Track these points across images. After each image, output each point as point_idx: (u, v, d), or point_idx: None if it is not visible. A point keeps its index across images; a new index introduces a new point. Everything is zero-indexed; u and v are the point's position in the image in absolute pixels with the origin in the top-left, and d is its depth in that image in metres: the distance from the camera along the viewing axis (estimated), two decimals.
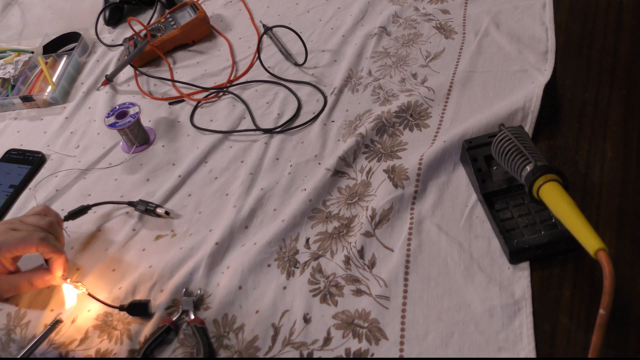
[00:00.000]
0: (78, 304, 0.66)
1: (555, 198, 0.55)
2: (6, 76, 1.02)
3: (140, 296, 0.66)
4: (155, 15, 1.13)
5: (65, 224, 0.75)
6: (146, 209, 0.74)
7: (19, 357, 0.61)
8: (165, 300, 0.64)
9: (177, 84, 0.95)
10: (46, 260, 0.67)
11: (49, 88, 0.98)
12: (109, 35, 1.12)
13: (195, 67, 0.99)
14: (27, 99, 0.97)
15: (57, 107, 0.97)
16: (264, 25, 1.03)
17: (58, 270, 0.65)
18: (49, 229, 0.67)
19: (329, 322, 0.60)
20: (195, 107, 0.90)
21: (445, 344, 0.56)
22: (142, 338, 0.62)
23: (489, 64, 0.83)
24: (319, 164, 0.76)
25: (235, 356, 0.59)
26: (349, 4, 1.03)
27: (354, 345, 0.58)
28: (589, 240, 0.50)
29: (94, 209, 0.77)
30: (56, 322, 0.63)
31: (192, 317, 0.62)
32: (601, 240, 0.49)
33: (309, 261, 0.66)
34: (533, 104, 0.74)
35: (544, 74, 0.78)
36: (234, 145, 0.83)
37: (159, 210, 0.74)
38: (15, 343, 0.65)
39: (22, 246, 0.65)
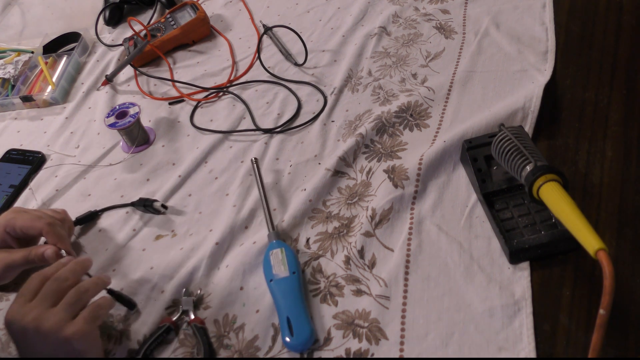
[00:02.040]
0: None
1: (555, 198, 0.55)
2: (6, 76, 1.02)
3: (141, 297, 0.66)
4: (155, 15, 1.13)
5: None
6: (144, 205, 0.74)
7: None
8: (165, 300, 0.64)
9: (177, 84, 0.95)
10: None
11: (49, 88, 0.98)
12: (109, 35, 1.12)
13: (195, 67, 0.99)
14: (27, 99, 0.97)
15: (57, 107, 0.97)
16: (264, 25, 1.03)
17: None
18: (59, 222, 0.68)
19: (329, 322, 0.60)
20: (195, 107, 0.90)
21: (445, 344, 0.56)
22: (141, 338, 0.62)
23: (489, 64, 0.83)
24: (319, 164, 0.76)
25: (235, 356, 0.59)
26: (349, 4, 1.03)
27: (354, 345, 0.58)
28: (589, 240, 0.50)
29: (93, 209, 0.77)
30: None
31: (192, 317, 0.62)
32: (601, 240, 0.49)
33: (309, 261, 0.66)
34: (533, 104, 0.74)
35: (544, 74, 0.78)
36: (234, 145, 0.83)
37: (156, 205, 0.74)
38: None
39: (28, 226, 0.65)
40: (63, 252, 0.66)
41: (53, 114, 0.96)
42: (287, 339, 0.57)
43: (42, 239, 0.70)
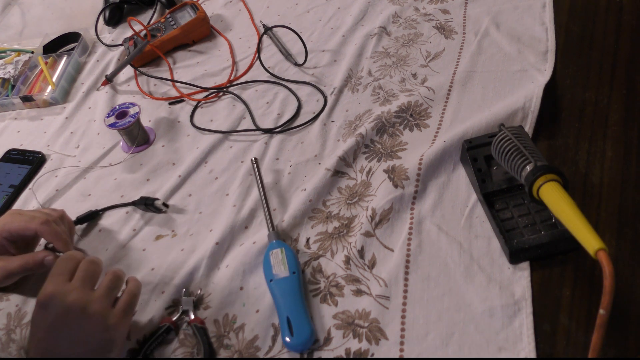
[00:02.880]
0: None
1: (555, 198, 0.55)
2: (6, 76, 1.02)
3: (141, 297, 0.65)
4: (155, 15, 1.13)
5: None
6: (145, 203, 0.74)
7: None
8: (165, 300, 0.64)
9: (177, 84, 0.95)
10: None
11: (49, 88, 0.98)
12: (109, 35, 1.12)
13: (195, 67, 0.99)
14: (27, 99, 0.97)
15: (57, 107, 0.97)
16: (264, 25, 1.03)
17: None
18: (55, 220, 0.67)
19: (329, 322, 0.60)
20: (195, 107, 0.90)
21: (445, 344, 0.56)
22: (141, 338, 0.62)
23: (489, 64, 0.83)
24: (319, 164, 0.76)
25: (235, 356, 0.59)
26: (349, 4, 1.03)
27: (354, 345, 0.58)
28: (589, 240, 0.50)
29: (93, 209, 0.77)
30: None
31: (192, 317, 0.62)
32: (601, 240, 0.49)
33: (309, 261, 0.66)
34: (533, 104, 0.74)
35: (544, 74, 0.79)
36: (234, 145, 0.83)
37: (157, 203, 0.74)
38: (15, 343, 0.64)
39: (23, 228, 0.65)
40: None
41: (53, 114, 0.96)
42: (287, 339, 0.57)
43: (43, 240, 0.70)
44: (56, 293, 0.55)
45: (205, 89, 0.93)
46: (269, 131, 0.83)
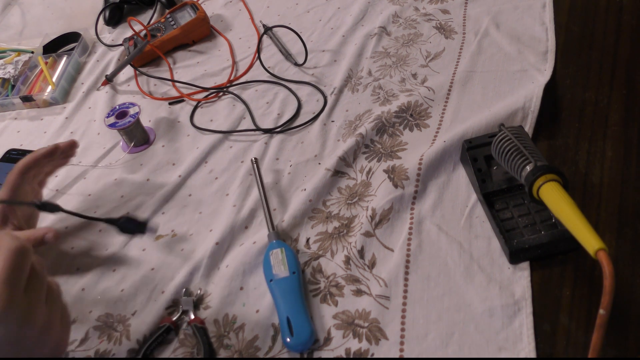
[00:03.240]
0: (79, 303, 0.66)
1: (555, 198, 0.55)
2: (6, 76, 1.02)
3: (141, 297, 0.66)
4: (155, 15, 1.13)
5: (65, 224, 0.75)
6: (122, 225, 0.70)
7: None
8: (165, 300, 0.64)
9: (177, 84, 0.95)
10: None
11: (49, 88, 0.98)
12: (109, 35, 1.12)
13: (195, 67, 0.99)
14: (27, 99, 0.97)
15: (57, 107, 0.97)
16: (264, 25, 1.03)
17: None
18: None
19: (329, 322, 0.60)
20: (195, 107, 0.90)
21: (445, 344, 0.56)
22: (141, 338, 0.62)
23: (489, 64, 0.83)
24: (319, 164, 0.76)
25: (235, 356, 0.59)
26: (349, 4, 1.03)
27: (354, 345, 0.58)
28: (589, 240, 0.50)
29: (94, 209, 0.77)
30: None
31: (192, 317, 0.62)
32: (601, 240, 0.49)
33: (309, 261, 0.66)
34: (533, 104, 0.74)
35: (544, 74, 0.79)
36: (234, 145, 0.83)
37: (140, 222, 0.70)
38: None
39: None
40: None
41: (53, 114, 0.96)
42: (287, 339, 0.57)
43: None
44: (14, 306, 0.44)
45: (205, 89, 0.93)
46: (269, 131, 0.83)
